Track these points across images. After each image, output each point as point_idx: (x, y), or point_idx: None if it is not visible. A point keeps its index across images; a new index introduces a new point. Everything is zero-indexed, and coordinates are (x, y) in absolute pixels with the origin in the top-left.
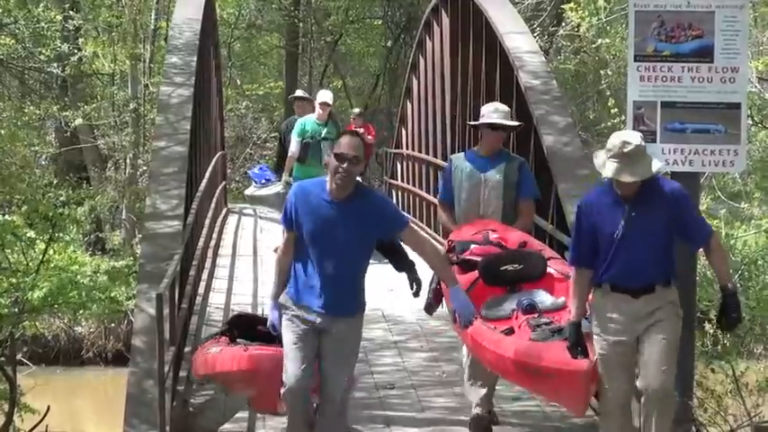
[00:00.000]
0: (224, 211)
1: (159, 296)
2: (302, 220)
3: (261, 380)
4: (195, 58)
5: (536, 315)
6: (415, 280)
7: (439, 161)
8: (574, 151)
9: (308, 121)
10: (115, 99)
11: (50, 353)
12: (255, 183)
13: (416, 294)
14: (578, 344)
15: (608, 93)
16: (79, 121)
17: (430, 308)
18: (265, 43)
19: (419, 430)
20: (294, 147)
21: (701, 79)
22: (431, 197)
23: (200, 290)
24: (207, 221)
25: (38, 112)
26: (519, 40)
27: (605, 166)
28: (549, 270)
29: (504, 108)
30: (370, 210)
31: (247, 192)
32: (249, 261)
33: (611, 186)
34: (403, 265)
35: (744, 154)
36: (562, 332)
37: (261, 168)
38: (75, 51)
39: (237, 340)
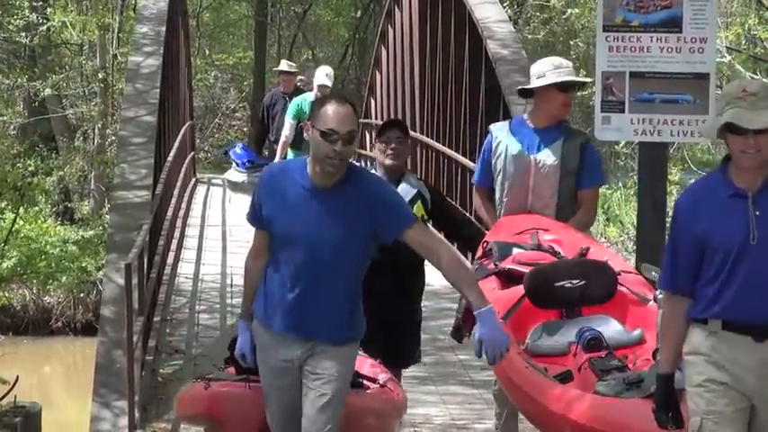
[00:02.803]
0: (193, 181)
1: (128, 266)
2: (275, 216)
3: (229, 427)
4: (164, 28)
5: (603, 354)
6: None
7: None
8: None
9: (305, 100)
10: (84, 69)
11: (19, 323)
12: (237, 165)
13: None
14: (669, 406)
15: (577, 63)
16: (48, 91)
17: (458, 333)
18: (234, 13)
19: None
20: (288, 130)
21: (669, 49)
22: None
23: (169, 260)
24: (176, 191)
25: (6, 81)
26: (488, 10)
27: (721, 114)
28: (620, 289)
29: (568, 62)
30: (367, 200)
31: (229, 176)
32: (218, 231)
33: (724, 175)
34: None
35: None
36: (643, 385)
37: (242, 147)
38: (44, 21)
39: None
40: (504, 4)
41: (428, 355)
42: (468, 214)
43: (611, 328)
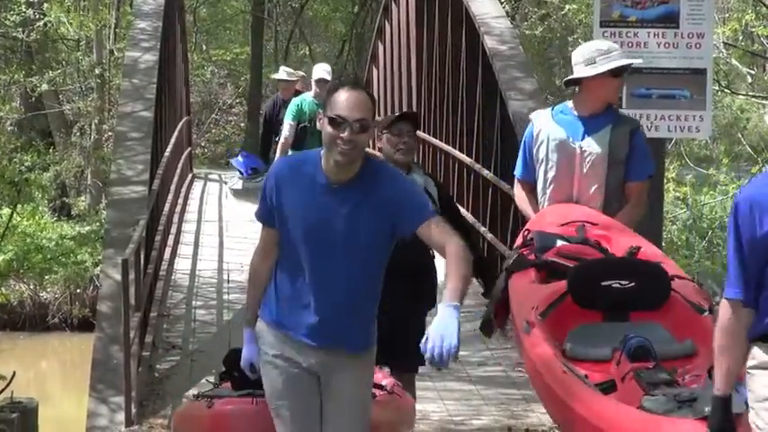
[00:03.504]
0: (189, 177)
1: (125, 261)
2: (287, 212)
3: None
4: (161, 24)
5: (650, 364)
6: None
7: None
8: None
9: (305, 100)
10: (80, 65)
11: (16, 318)
12: (241, 174)
13: (486, 294)
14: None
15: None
16: (45, 86)
17: (488, 327)
18: (231, 8)
19: None
20: (288, 131)
21: (666, 45)
22: None
23: (166, 255)
24: (173, 187)
25: (3, 77)
26: (485, 6)
27: None
28: (673, 295)
29: (614, 44)
30: (387, 194)
31: (232, 185)
32: (215, 227)
33: None
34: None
35: (709, 119)
36: (696, 405)
37: (244, 155)
38: (41, 17)
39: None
40: (502, 0)
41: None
42: (474, 224)
43: (659, 338)
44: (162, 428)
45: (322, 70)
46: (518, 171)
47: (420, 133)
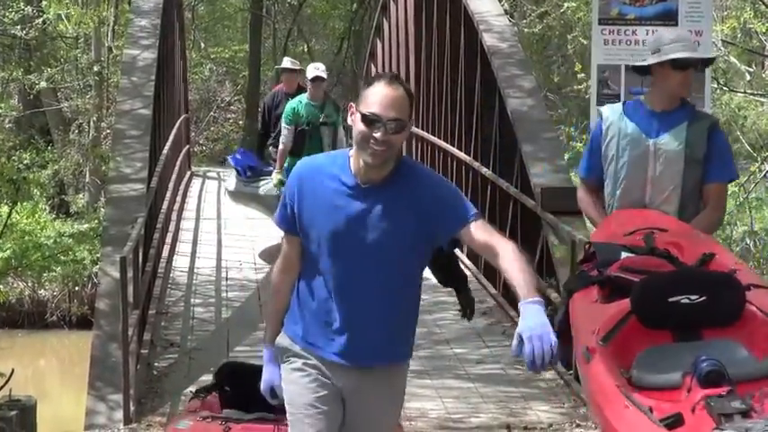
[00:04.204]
0: (188, 175)
1: (123, 259)
2: (312, 218)
3: None
4: (159, 21)
5: (724, 390)
6: (468, 300)
7: None
8: (539, 114)
9: (300, 102)
10: (79, 62)
11: (14, 316)
12: (239, 174)
13: (468, 318)
14: None
15: (573, 58)
16: (43, 84)
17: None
18: (229, 6)
19: None
20: (285, 137)
21: None
22: None
23: (165, 253)
24: (171, 185)
25: (1, 74)
26: (484, 3)
27: None
28: (749, 308)
29: (688, 34)
30: (423, 195)
31: (229, 186)
32: (213, 224)
33: None
34: (452, 277)
35: None
36: None
37: (241, 152)
38: (39, 14)
39: (221, 410)
40: None
41: (424, 349)
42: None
43: (734, 356)
44: (160, 426)
45: (314, 69)
46: (582, 170)
47: (419, 131)
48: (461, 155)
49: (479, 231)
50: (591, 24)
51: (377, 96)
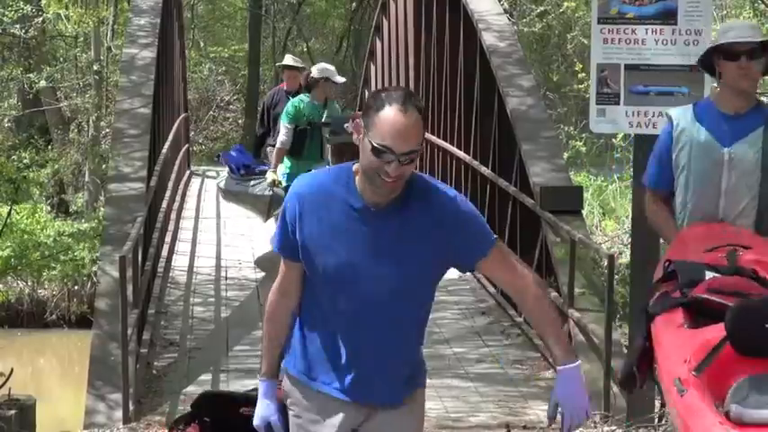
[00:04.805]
0: (187, 174)
1: (122, 258)
2: (314, 242)
3: None
4: (159, 20)
5: None
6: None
7: None
8: (538, 113)
9: (302, 101)
10: (78, 61)
11: (14, 315)
12: (232, 172)
13: None
14: None
15: (573, 57)
16: (42, 83)
17: (630, 382)
18: (229, 5)
19: None
20: (284, 135)
21: (664, 41)
22: None
23: (164, 252)
24: (170, 184)
25: (1, 73)
26: (483, 2)
27: None
28: None
29: (744, 21)
30: (438, 218)
31: (221, 183)
32: (212, 224)
33: None
34: None
35: None
36: None
37: (238, 150)
38: (39, 13)
39: None
40: None
41: (423, 348)
42: None
43: None
44: (159, 426)
45: (321, 69)
46: (649, 179)
47: None
48: (460, 154)
49: (502, 264)
50: (590, 23)
51: (389, 126)
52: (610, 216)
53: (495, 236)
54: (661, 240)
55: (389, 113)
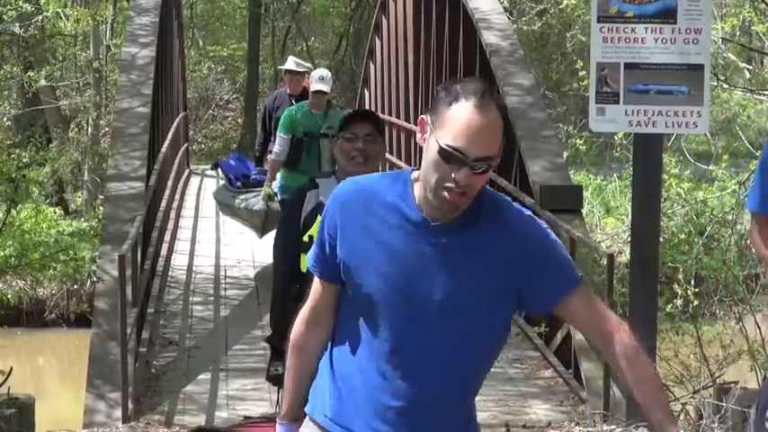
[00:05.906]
0: (186, 173)
1: (122, 257)
2: (358, 260)
3: None
4: (158, 19)
5: None
6: None
7: (402, 122)
8: (538, 112)
9: (300, 109)
10: (77, 60)
11: (13, 314)
12: (230, 184)
13: None
14: None
15: (572, 56)
16: (42, 82)
17: None
18: (228, 4)
19: None
20: (279, 146)
21: (664, 40)
22: (394, 159)
23: (163, 251)
24: (169, 183)
25: (0, 72)
26: (482, 1)
27: None
28: None
29: None
30: (513, 243)
31: (218, 195)
32: (212, 223)
33: None
34: None
35: (707, 115)
36: None
37: (236, 158)
38: (38, 11)
39: None
40: None
41: None
42: None
43: None
44: (159, 425)
45: (318, 79)
46: (754, 203)
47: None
48: None
49: (584, 309)
50: (590, 22)
51: (463, 124)
52: (611, 214)
53: (580, 276)
54: (661, 240)
55: (464, 109)
